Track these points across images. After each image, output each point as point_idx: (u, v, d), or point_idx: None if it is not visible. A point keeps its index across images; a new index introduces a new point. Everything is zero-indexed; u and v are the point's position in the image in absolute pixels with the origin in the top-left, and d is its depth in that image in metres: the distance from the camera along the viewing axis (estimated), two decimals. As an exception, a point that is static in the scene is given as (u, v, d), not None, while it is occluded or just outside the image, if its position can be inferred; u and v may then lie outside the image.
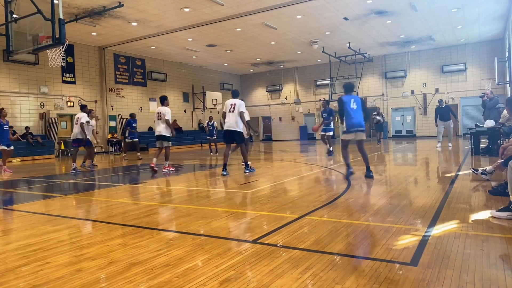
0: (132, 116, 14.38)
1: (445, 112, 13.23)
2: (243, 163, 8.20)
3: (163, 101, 8.92)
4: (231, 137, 7.83)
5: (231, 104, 7.79)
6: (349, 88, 6.77)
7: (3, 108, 10.83)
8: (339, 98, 6.59)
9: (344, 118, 6.56)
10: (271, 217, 3.99)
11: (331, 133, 12.13)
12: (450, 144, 13.52)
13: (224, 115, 7.93)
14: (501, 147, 4.72)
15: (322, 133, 12.21)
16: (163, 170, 8.74)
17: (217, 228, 3.63)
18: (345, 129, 6.61)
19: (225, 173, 7.68)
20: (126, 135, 14.13)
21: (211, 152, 15.27)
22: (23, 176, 9.41)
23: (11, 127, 15.48)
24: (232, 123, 7.71)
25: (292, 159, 11.40)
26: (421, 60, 23.68)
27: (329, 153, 11.82)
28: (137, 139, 14.29)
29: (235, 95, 8.03)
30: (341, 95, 6.77)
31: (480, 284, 2.18)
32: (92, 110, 11.17)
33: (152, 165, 8.62)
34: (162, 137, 8.76)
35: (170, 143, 8.90)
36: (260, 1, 13.90)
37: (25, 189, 7.21)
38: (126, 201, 5.41)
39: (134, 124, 14.04)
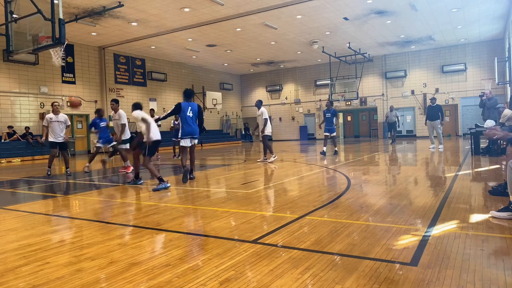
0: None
1: (434, 112, 12.91)
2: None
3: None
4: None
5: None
6: (188, 95, 7.09)
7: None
8: (178, 104, 6.92)
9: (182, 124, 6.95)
10: (271, 217, 3.99)
11: (334, 133, 12.36)
12: (440, 146, 12.92)
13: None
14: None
15: (326, 133, 12.28)
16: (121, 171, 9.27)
17: (217, 228, 3.63)
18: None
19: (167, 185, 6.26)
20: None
21: (174, 156, 13.46)
22: (23, 176, 9.41)
23: (11, 127, 15.50)
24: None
25: (292, 159, 11.41)
26: (421, 60, 23.68)
27: (333, 151, 12.23)
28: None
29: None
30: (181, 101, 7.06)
31: (480, 284, 2.18)
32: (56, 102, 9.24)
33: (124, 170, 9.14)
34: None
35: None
36: (260, 1, 13.90)
37: (25, 189, 7.21)
38: (126, 201, 5.41)
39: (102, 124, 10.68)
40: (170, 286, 2.29)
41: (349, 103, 25.88)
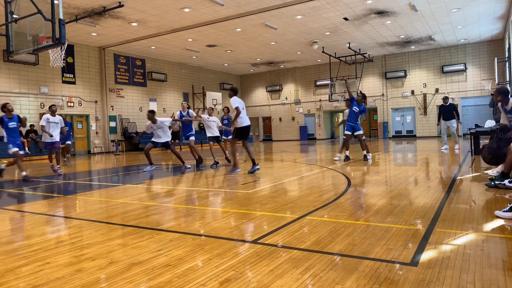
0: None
1: (448, 111, 12.44)
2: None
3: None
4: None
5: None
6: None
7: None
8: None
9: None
10: (271, 217, 3.99)
11: (360, 132, 9.97)
12: (456, 147, 12.42)
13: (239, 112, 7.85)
14: None
15: (348, 132, 9.88)
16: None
17: (217, 228, 3.63)
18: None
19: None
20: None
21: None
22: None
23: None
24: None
25: (292, 159, 11.41)
26: (421, 60, 23.69)
27: (363, 157, 9.85)
28: (69, 142, 12.39)
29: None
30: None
31: (480, 284, 2.18)
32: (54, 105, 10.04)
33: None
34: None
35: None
36: (260, 1, 13.90)
37: (25, 189, 7.21)
38: (126, 201, 5.41)
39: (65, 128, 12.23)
40: (170, 286, 2.29)
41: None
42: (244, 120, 7.92)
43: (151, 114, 9.67)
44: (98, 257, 2.89)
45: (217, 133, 10.36)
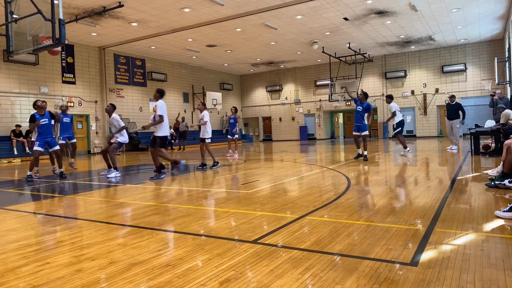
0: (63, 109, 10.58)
1: (452, 110, 12.17)
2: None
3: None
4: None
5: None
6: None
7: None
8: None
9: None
10: (271, 217, 3.99)
11: (366, 132, 10.00)
12: (454, 148, 12.23)
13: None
14: (505, 144, 4.81)
15: (356, 133, 10.10)
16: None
17: (217, 228, 3.63)
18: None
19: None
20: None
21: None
22: (23, 176, 9.40)
23: (19, 125, 15.45)
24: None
25: (292, 159, 11.40)
26: (421, 60, 23.69)
27: (363, 157, 9.89)
28: (74, 140, 11.13)
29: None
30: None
31: (480, 284, 2.18)
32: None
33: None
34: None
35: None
36: (260, 1, 13.90)
37: (25, 189, 7.21)
38: (126, 201, 5.41)
39: (66, 119, 10.53)
40: (170, 286, 2.30)
41: (349, 103, 25.88)
42: (167, 129, 7.59)
43: (110, 106, 9.00)
44: (98, 257, 2.89)
45: (203, 135, 9.63)
